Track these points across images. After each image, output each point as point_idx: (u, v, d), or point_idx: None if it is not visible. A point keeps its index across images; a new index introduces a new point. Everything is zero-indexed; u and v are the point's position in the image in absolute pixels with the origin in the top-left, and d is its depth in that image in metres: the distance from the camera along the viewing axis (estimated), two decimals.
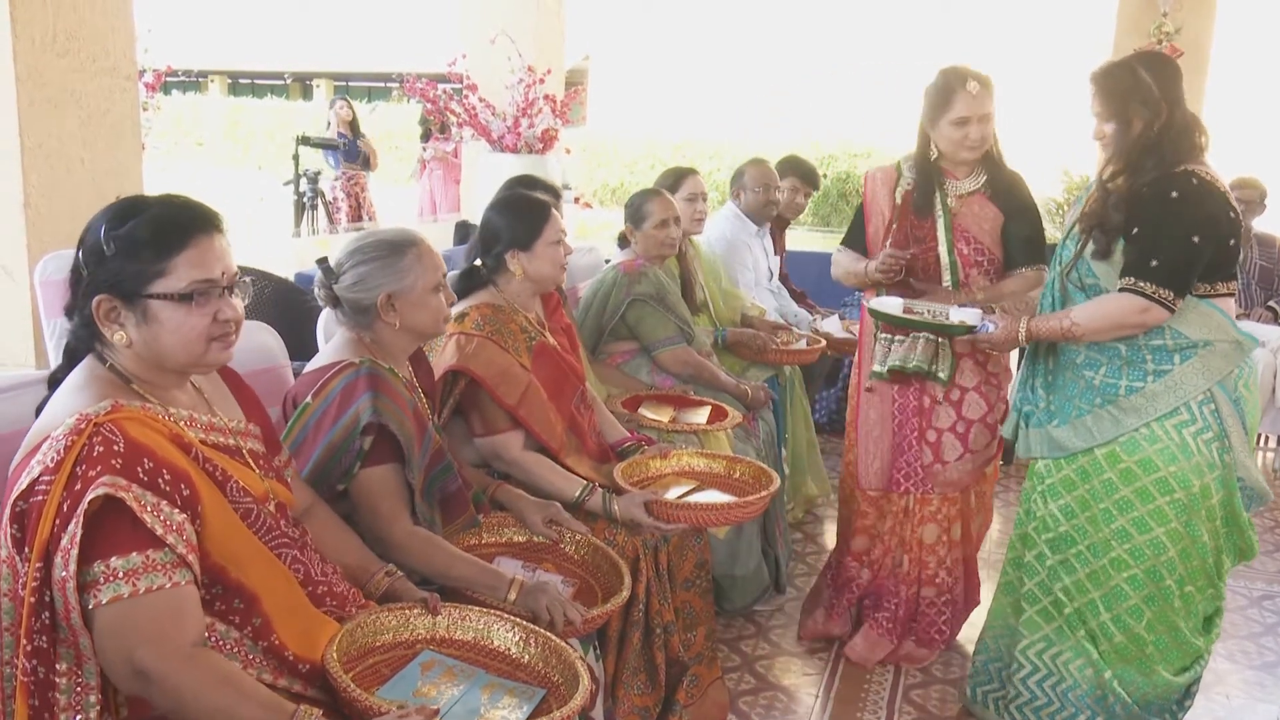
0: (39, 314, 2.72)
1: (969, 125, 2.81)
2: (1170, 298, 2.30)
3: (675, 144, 17.22)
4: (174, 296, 1.49)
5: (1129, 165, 2.39)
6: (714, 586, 2.82)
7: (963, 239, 2.93)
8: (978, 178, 2.94)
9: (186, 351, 1.52)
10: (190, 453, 1.47)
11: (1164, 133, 2.35)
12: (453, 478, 2.18)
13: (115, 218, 1.50)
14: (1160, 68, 2.40)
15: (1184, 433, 2.36)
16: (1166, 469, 2.37)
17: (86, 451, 1.35)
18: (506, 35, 4.94)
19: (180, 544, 1.38)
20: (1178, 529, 2.39)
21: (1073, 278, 2.49)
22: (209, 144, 23.14)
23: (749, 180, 4.27)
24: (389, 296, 2.06)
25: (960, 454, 2.98)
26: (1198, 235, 2.29)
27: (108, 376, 1.50)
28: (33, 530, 1.34)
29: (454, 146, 8.35)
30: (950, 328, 2.74)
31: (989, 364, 2.99)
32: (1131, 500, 2.41)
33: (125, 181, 3.05)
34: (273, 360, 2.37)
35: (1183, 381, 2.36)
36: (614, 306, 3.35)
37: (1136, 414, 2.39)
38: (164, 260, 1.48)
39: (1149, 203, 2.33)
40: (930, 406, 2.97)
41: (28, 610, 1.33)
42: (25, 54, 2.73)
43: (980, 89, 2.80)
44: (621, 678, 2.34)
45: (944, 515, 3.03)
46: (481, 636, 1.76)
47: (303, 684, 1.53)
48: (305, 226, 7.61)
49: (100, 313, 1.48)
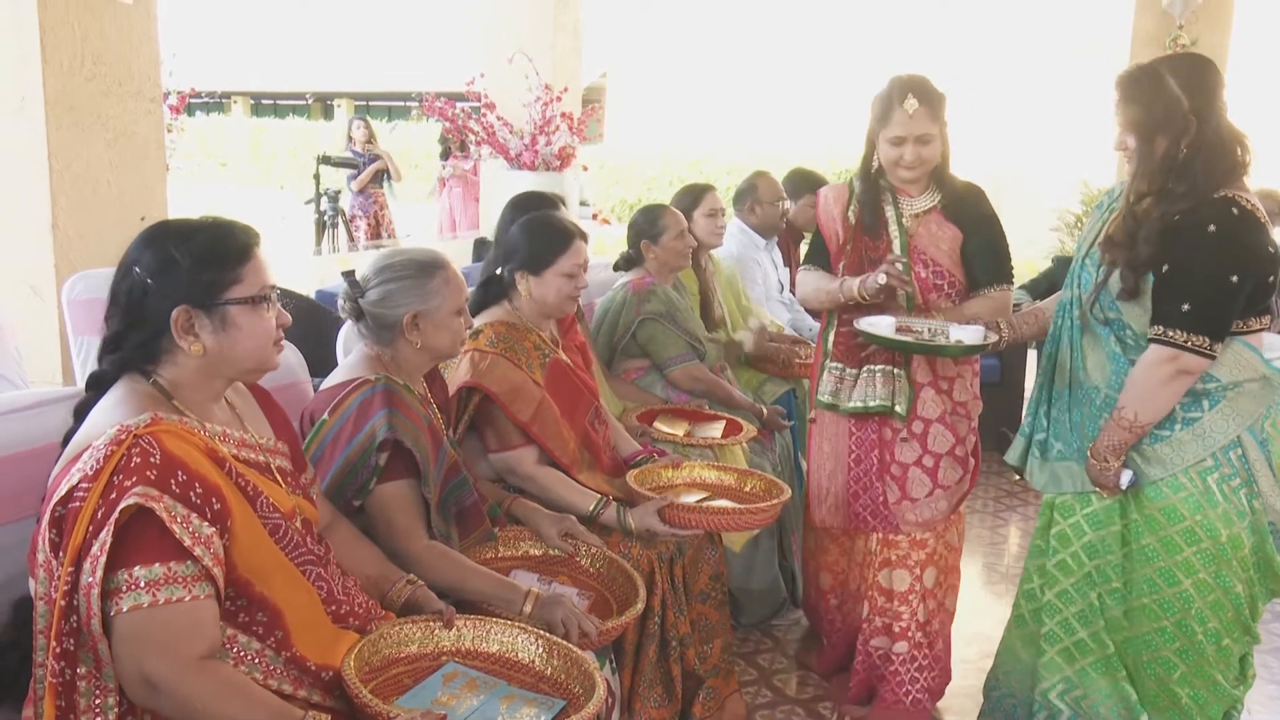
0: (66, 332, 2.77)
1: (904, 146, 2.58)
2: (1205, 344, 2.07)
3: (692, 160, 17.24)
4: (250, 301, 1.57)
5: (1156, 189, 2.13)
6: (730, 600, 2.83)
7: (920, 261, 2.68)
8: (932, 195, 2.70)
9: (259, 354, 1.61)
10: (224, 467, 1.51)
11: (1196, 152, 2.09)
12: (468, 492, 2.20)
13: (176, 235, 1.56)
14: (1192, 74, 2.12)
15: (1208, 479, 2.17)
16: (1192, 518, 2.18)
17: (124, 462, 1.39)
18: (524, 54, 5.00)
19: (207, 557, 1.41)
20: (1207, 580, 2.20)
21: (1095, 311, 2.27)
22: (232, 164, 23.39)
23: (763, 194, 4.28)
24: (415, 316, 2.09)
25: (930, 490, 2.71)
26: (1238, 274, 2.05)
27: (151, 392, 1.54)
28: (68, 536, 1.38)
29: (473, 164, 8.43)
30: (946, 348, 2.50)
31: (954, 392, 2.74)
32: (1157, 550, 2.24)
33: (150, 202, 3.11)
34: (294, 376, 2.41)
35: (1211, 429, 2.16)
36: (624, 325, 3.37)
37: (1161, 465, 2.20)
38: (237, 268, 1.57)
39: (1183, 236, 2.08)
40: (891, 439, 2.71)
41: (58, 614, 1.37)
42: (54, 78, 2.80)
43: (920, 108, 2.54)
44: (638, 690, 2.35)
45: (914, 560, 2.74)
46: (506, 649, 1.78)
47: (323, 693, 1.56)
48: (326, 244, 7.70)
49: (179, 324, 1.53)
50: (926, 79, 2.61)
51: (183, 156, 7.75)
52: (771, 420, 3.48)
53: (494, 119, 5.02)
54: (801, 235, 4.87)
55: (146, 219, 3.08)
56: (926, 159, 2.61)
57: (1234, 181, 2.10)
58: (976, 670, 3.04)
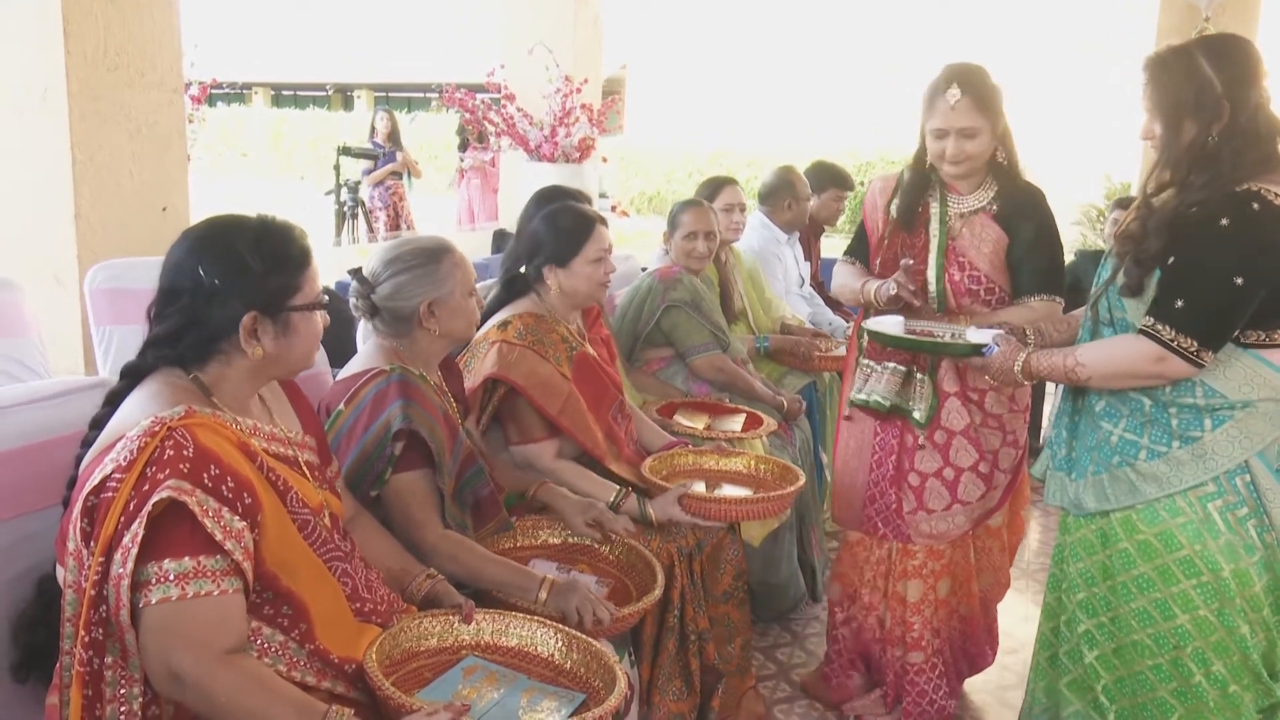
0: (88, 322, 2.78)
1: (946, 139, 2.45)
2: (1193, 349, 1.88)
3: (712, 152, 17.23)
4: (310, 306, 1.61)
5: (1179, 179, 1.95)
6: (749, 595, 2.82)
7: (955, 264, 2.53)
8: (985, 192, 2.55)
9: (309, 357, 1.64)
10: (256, 461, 1.51)
11: (1225, 139, 1.89)
12: (484, 482, 2.20)
13: (244, 237, 1.55)
14: (1229, 56, 1.91)
15: (1209, 506, 1.95)
16: (1191, 547, 1.97)
17: (158, 454, 1.39)
18: (544, 46, 4.98)
19: (237, 550, 1.41)
20: (1208, 618, 1.97)
21: (1101, 307, 2.10)
22: (253, 155, 23.51)
23: (800, 191, 4.24)
24: (430, 304, 2.09)
25: (948, 504, 2.60)
26: (1243, 276, 1.84)
27: (188, 386, 1.54)
28: (100, 526, 1.38)
29: (492, 156, 8.43)
30: (953, 347, 2.33)
31: (986, 403, 2.58)
32: (1152, 579, 2.02)
33: (172, 193, 3.12)
34: (315, 368, 2.40)
35: (1214, 450, 1.94)
36: (649, 312, 3.37)
37: (1157, 483, 1.99)
38: (301, 274, 1.59)
39: (1192, 229, 1.90)
40: (912, 446, 2.60)
41: (87, 603, 1.37)
42: (77, 69, 2.80)
43: (963, 99, 2.40)
44: (657, 683, 2.35)
45: (929, 570, 2.66)
46: (526, 643, 1.78)
47: (346, 685, 1.56)
48: (346, 235, 7.72)
49: (246, 329, 1.54)
50: (978, 69, 2.46)
51: (204, 147, 7.79)
52: (792, 409, 3.46)
53: (514, 110, 5.01)
54: (822, 229, 4.84)
55: (169, 210, 3.09)
56: (971, 154, 2.46)
57: (1265, 174, 1.88)
58: (998, 667, 3.03)
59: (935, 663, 2.72)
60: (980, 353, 2.25)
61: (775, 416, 3.30)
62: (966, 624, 2.80)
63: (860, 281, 2.64)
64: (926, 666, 2.71)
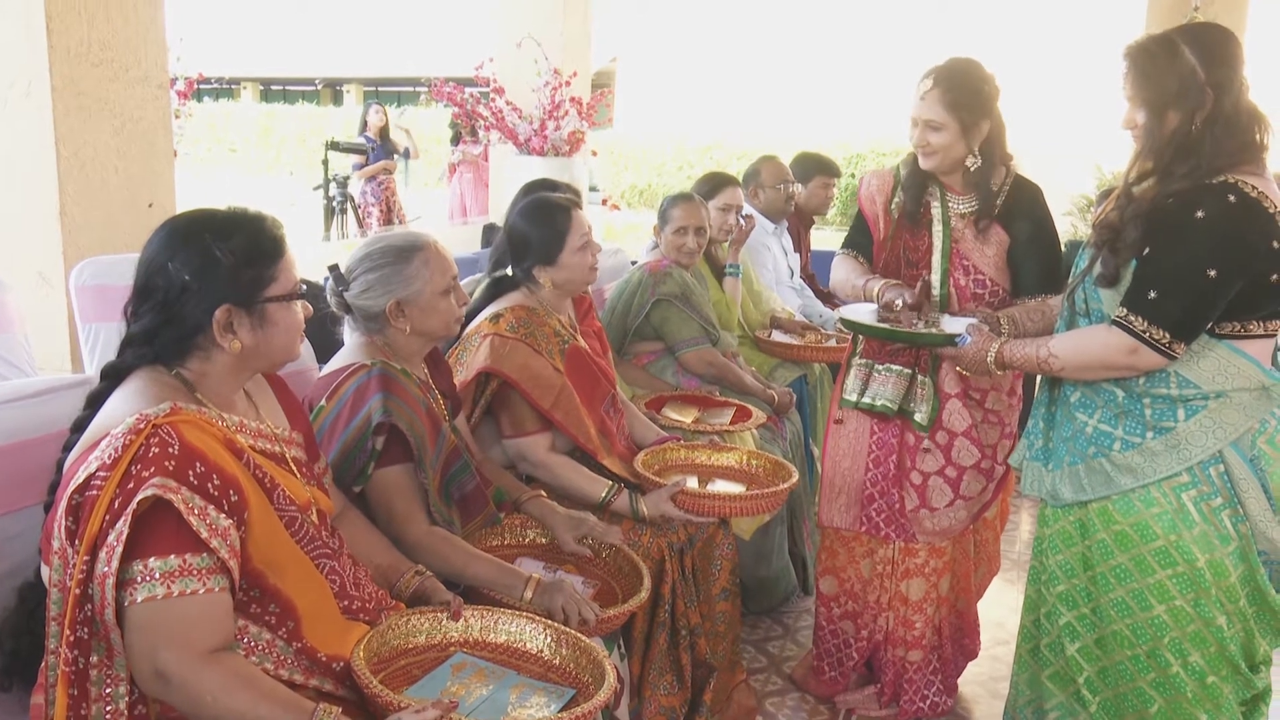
0: (74, 319, 2.76)
1: (915, 129, 2.45)
2: (1165, 340, 1.89)
3: (703, 146, 17.21)
4: (286, 297, 1.58)
5: (1160, 167, 1.95)
6: (740, 588, 2.82)
7: (960, 267, 2.52)
8: (971, 200, 2.53)
9: (290, 348, 1.62)
10: (242, 458, 1.50)
11: (1207, 128, 1.89)
12: (470, 476, 2.19)
13: (213, 231, 1.53)
14: (1211, 44, 1.91)
15: (1183, 496, 1.96)
16: (1166, 537, 1.97)
17: (143, 451, 1.38)
18: (533, 39, 4.96)
19: (223, 549, 1.40)
20: (1184, 608, 1.98)
21: (1077, 298, 2.09)
22: (241, 150, 23.42)
23: (766, 178, 4.24)
24: (398, 303, 2.08)
25: (950, 500, 2.59)
26: (1216, 269, 1.84)
27: (172, 382, 1.53)
28: (85, 524, 1.37)
29: (483, 150, 8.42)
30: (927, 337, 2.32)
31: (986, 401, 2.57)
32: (1129, 569, 2.02)
33: (158, 189, 3.10)
34: (301, 364, 2.39)
35: (1187, 441, 1.95)
36: (639, 306, 3.36)
37: (1132, 474, 2.00)
38: (275, 265, 1.57)
39: (1168, 220, 1.90)
40: (914, 446, 2.59)
41: (72, 602, 1.36)
42: (61, 64, 2.78)
43: (932, 90, 2.39)
44: (648, 678, 2.35)
45: (931, 568, 2.67)
46: (514, 639, 1.77)
47: (334, 683, 1.55)
48: (335, 230, 7.70)
49: (220, 323, 1.52)
50: (963, 68, 2.42)
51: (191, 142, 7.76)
52: (783, 403, 3.46)
53: (503, 104, 5.00)
54: (811, 220, 4.83)
55: (154, 205, 3.07)
56: (935, 146, 2.44)
57: (1244, 164, 1.89)
58: (989, 658, 3.04)
59: (932, 660, 2.74)
60: (954, 342, 2.26)
61: (766, 410, 3.30)
62: (962, 618, 2.82)
63: (863, 279, 2.60)
64: (924, 664, 2.73)
